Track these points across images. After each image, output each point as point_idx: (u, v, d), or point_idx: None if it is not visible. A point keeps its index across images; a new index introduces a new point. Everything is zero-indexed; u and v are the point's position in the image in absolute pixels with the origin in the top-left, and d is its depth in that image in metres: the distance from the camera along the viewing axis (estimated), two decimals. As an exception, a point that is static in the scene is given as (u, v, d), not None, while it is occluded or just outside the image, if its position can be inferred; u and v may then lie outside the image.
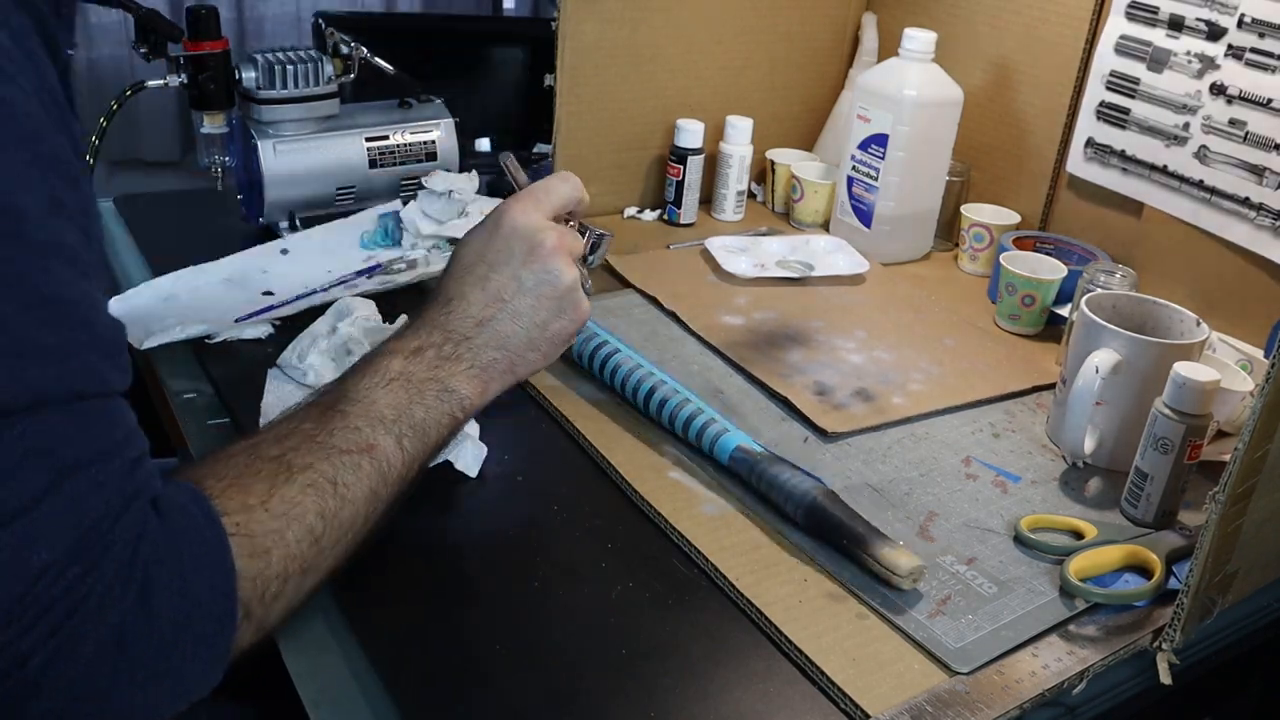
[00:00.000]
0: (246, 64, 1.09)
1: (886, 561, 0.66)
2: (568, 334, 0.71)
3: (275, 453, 0.57)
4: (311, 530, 0.56)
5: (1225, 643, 0.71)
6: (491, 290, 0.68)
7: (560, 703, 0.57)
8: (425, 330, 0.67)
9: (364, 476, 0.59)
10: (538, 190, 0.72)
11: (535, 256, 0.69)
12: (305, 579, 0.56)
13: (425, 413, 0.64)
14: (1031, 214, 1.19)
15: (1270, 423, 0.59)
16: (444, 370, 0.66)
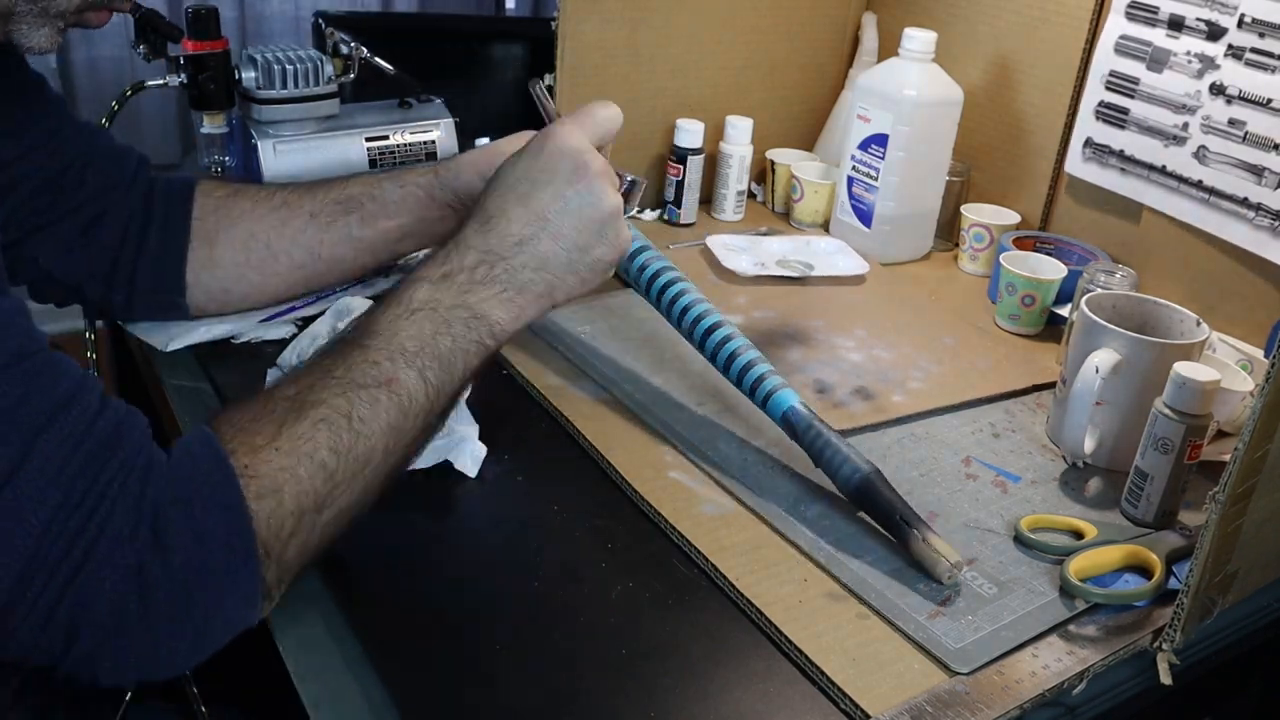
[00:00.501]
0: (246, 64, 1.09)
1: (937, 548, 0.67)
2: (607, 262, 0.69)
3: (291, 392, 0.58)
4: (324, 466, 0.56)
5: (1225, 643, 0.71)
6: (534, 207, 0.66)
7: (560, 703, 0.57)
8: (459, 252, 0.65)
9: (382, 410, 0.59)
10: (581, 115, 0.70)
11: (580, 176, 0.67)
12: (320, 514, 0.56)
13: (452, 343, 0.62)
14: (1031, 214, 1.19)
15: (1270, 423, 0.59)
16: (474, 295, 0.64)
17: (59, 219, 0.80)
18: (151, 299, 0.86)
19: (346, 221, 0.89)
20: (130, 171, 0.85)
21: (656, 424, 0.82)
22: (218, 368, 0.86)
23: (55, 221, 0.80)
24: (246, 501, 0.53)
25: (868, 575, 0.68)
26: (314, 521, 0.56)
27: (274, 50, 1.11)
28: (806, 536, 0.71)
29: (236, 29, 2.74)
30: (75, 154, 0.81)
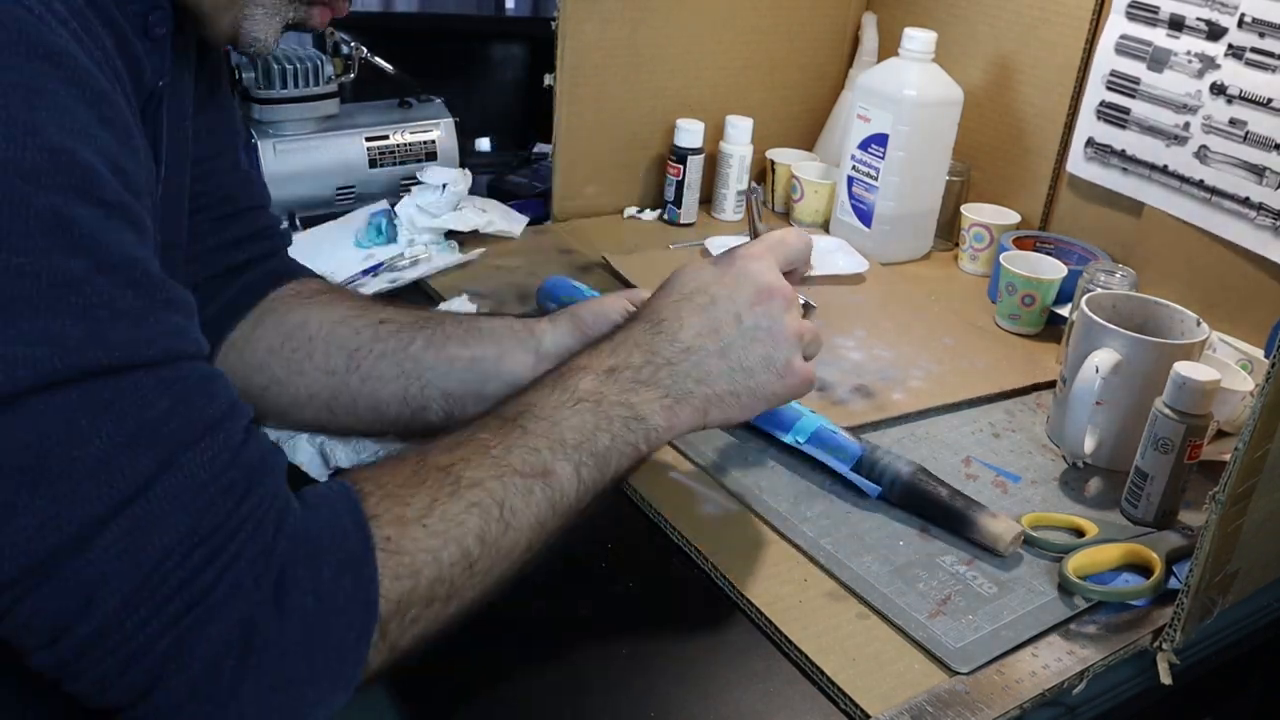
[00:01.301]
0: (246, 64, 1.09)
1: (994, 527, 0.70)
2: (771, 392, 0.63)
3: (445, 462, 0.53)
4: (468, 554, 0.52)
5: (1225, 643, 0.71)
6: (708, 320, 0.62)
7: (560, 703, 0.57)
8: (625, 348, 0.61)
9: (534, 503, 0.54)
10: (773, 240, 0.67)
11: (762, 301, 0.63)
12: (447, 606, 0.51)
13: (610, 441, 0.58)
14: (1031, 214, 1.19)
15: (1270, 423, 0.59)
16: (637, 395, 0.60)
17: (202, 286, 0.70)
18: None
19: (411, 335, 0.73)
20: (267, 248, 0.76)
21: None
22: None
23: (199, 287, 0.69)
24: (381, 579, 0.48)
25: (868, 575, 0.68)
26: (439, 613, 0.51)
27: (274, 50, 1.11)
28: (806, 536, 0.71)
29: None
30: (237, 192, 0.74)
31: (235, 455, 0.46)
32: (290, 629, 0.45)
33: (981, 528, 0.71)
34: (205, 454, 0.45)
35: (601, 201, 1.24)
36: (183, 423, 0.44)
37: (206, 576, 0.43)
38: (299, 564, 0.46)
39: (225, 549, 0.44)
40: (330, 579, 0.46)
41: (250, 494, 0.46)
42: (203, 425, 0.45)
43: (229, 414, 0.47)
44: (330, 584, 0.46)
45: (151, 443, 0.43)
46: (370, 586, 0.48)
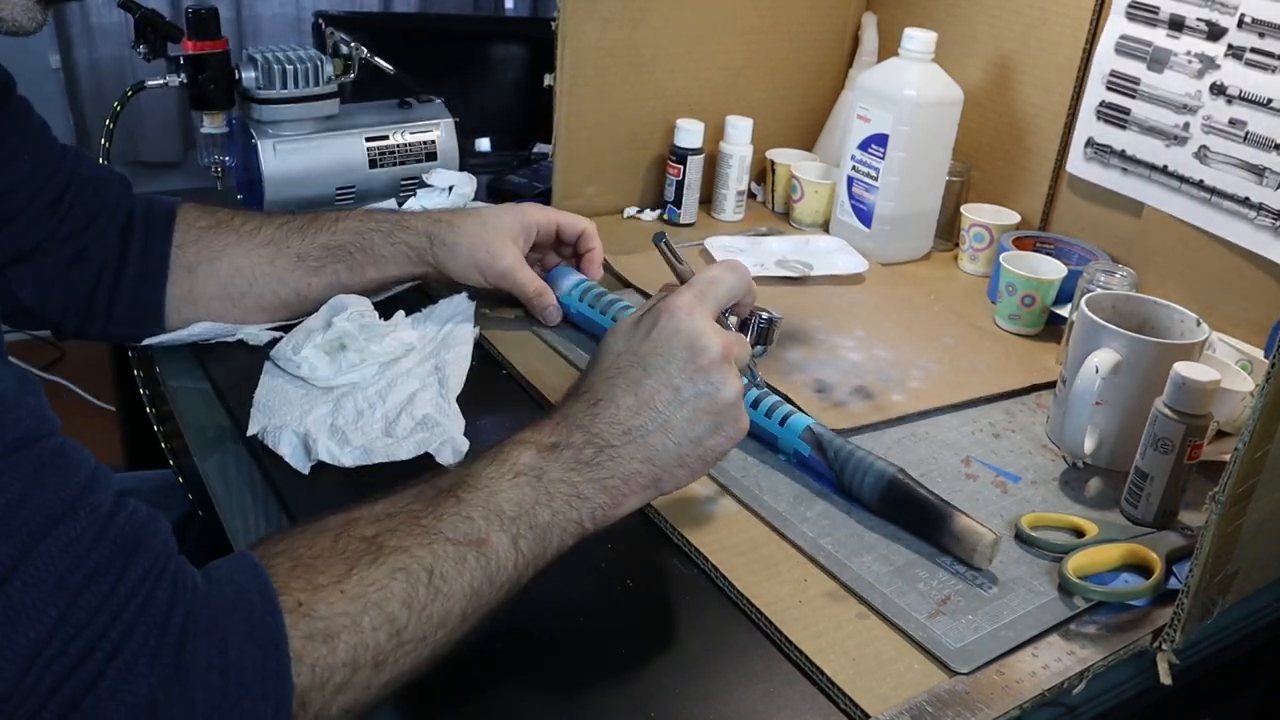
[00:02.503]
0: (246, 64, 1.09)
1: (972, 533, 0.68)
2: (721, 451, 0.63)
3: (370, 532, 0.52)
4: (393, 620, 0.50)
5: (1225, 643, 0.71)
6: (644, 396, 0.60)
7: (560, 703, 0.57)
8: (566, 428, 0.60)
9: (467, 571, 0.53)
10: (701, 284, 0.65)
11: (697, 365, 0.61)
12: (378, 674, 0.49)
13: (551, 516, 0.57)
14: (1031, 214, 1.19)
15: (1270, 423, 0.59)
16: (579, 474, 0.58)
17: (43, 252, 0.79)
18: (127, 330, 0.85)
19: (335, 268, 0.89)
20: (112, 200, 0.83)
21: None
22: (216, 366, 0.86)
23: (39, 254, 0.78)
24: (291, 643, 0.46)
25: (868, 575, 0.68)
26: (368, 680, 0.49)
27: (274, 50, 1.11)
28: (806, 536, 0.71)
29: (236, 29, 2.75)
30: (64, 183, 0.79)
31: (102, 532, 0.43)
32: (198, 707, 0.43)
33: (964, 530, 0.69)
34: (66, 537, 0.42)
35: (601, 201, 1.24)
36: (38, 507, 0.42)
37: (90, 666, 0.41)
38: (201, 639, 0.44)
39: (107, 634, 0.42)
40: (236, 650, 0.45)
41: (128, 570, 0.43)
42: (60, 506, 0.42)
43: (89, 487, 0.44)
44: (236, 657, 0.44)
45: (5, 534, 0.40)
46: (279, 656, 0.46)
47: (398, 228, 0.90)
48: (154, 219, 0.85)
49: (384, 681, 0.50)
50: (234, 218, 0.88)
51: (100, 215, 0.82)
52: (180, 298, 0.85)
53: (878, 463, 0.74)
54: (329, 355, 0.84)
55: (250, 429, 0.76)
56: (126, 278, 0.83)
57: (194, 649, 0.43)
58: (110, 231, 0.82)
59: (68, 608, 0.41)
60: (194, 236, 0.86)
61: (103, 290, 0.82)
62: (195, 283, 0.85)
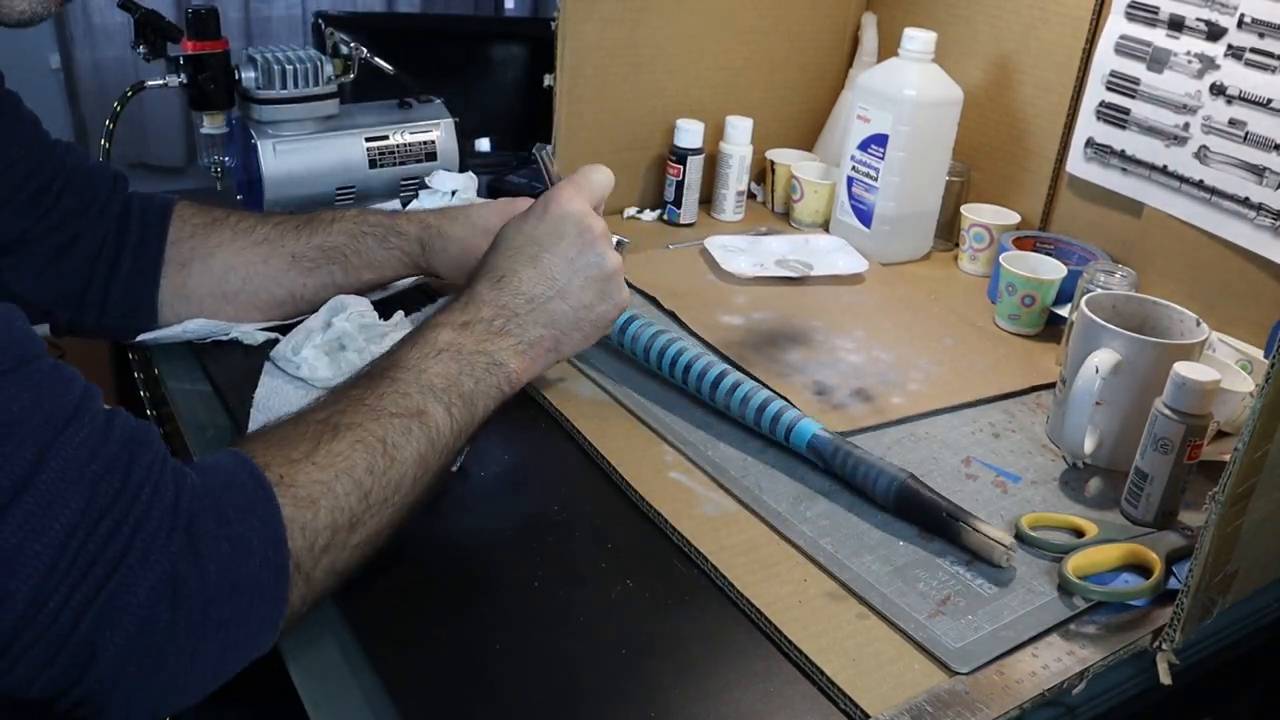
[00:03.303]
0: (246, 64, 1.09)
1: (989, 534, 0.69)
2: (609, 318, 0.73)
3: (322, 416, 0.59)
4: (360, 484, 0.56)
5: (1225, 643, 0.71)
6: (543, 269, 0.70)
7: (560, 703, 0.57)
8: (474, 305, 0.68)
9: (413, 439, 0.60)
10: (579, 180, 0.74)
11: (584, 240, 0.71)
12: (353, 534, 0.56)
13: (474, 384, 0.65)
14: (1031, 214, 1.19)
15: (1270, 423, 0.59)
16: (492, 344, 0.67)
17: (33, 241, 0.79)
18: (121, 323, 0.85)
19: (329, 270, 0.90)
20: (105, 192, 0.83)
21: (656, 424, 0.82)
22: (216, 367, 0.86)
23: (29, 243, 0.79)
24: (283, 509, 0.52)
25: (868, 575, 0.68)
26: (345, 540, 0.56)
27: (274, 50, 1.11)
28: (806, 536, 0.71)
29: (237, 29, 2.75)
30: (51, 173, 0.80)
31: (106, 432, 0.48)
32: (211, 574, 0.48)
33: (977, 541, 0.69)
34: (77, 436, 0.47)
35: (601, 202, 1.24)
36: (48, 413, 0.46)
37: (119, 541, 0.46)
38: (205, 514, 0.49)
39: (130, 513, 0.47)
40: (237, 521, 0.50)
41: (135, 462, 0.48)
42: (66, 412, 0.47)
43: (85, 398, 0.49)
44: (239, 526, 0.50)
45: (24, 437, 0.45)
46: (275, 522, 0.52)
47: (391, 232, 0.91)
48: (150, 214, 0.85)
49: (357, 541, 0.57)
50: (230, 216, 0.89)
51: (91, 206, 0.82)
52: (174, 292, 0.85)
53: (888, 470, 0.74)
54: (328, 355, 0.84)
55: (249, 429, 0.76)
56: (120, 271, 0.83)
57: (201, 524, 0.49)
58: (103, 224, 0.83)
59: (90, 495, 0.46)
60: (189, 232, 0.86)
61: (96, 282, 0.83)
62: (189, 278, 0.86)
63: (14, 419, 0.45)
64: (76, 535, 0.45)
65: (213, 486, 0.51)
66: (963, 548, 0.70)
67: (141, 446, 0.49)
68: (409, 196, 1.17)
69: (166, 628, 0.47)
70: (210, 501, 0.50)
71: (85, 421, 0.48)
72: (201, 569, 0.48)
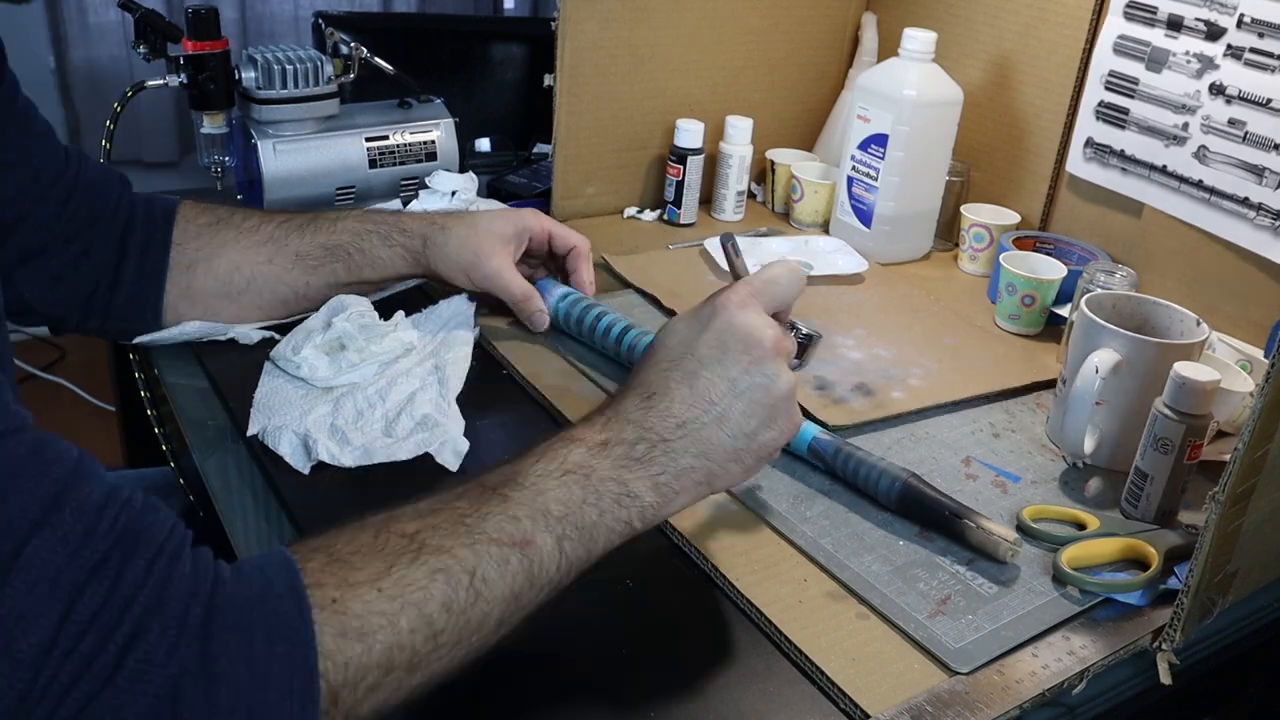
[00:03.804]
0: (246, 64, 1.09)
1: (994, 531, 0.69)
2: (775, 446, 0.62)
3: (411, 529, 0.51)
4: (431, 622, 0.49)
5: (1225, 643, 0.71)
6: (700, 389, 0.59)
7: (560, 703, 0.57)
8: (618, 423, 0.59)
9: (509, 574, 0.52)
10: (758, 282, 0.63)
11: (753, 357, 0.60)
12: (410, 675, 0.49)
13: (598, 516, 0.56)
14: (1031, 214, 1.19)
15: (1270, 423, 0.59)
16: (630, 472, 0.57)
17: (49, 253, 0.79)
18: (125, 325, 0.85)
19: (333, 268, 0.89)
20: (114, 199, 0.84)
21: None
22: (215, 364, 0.86)
23: (44, 255, 0.79)
24: (321, 638, 0.45)
25: (868, 575, 0.68)
26: (400, 681, 0.48)
27: (274, 50, 1.11)
28: (806, 536, 0.71)
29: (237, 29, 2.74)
30: (68, 185, 0.80)
31: (93, 526, 0.42)
32: (223, 700, 0.42)
33: (980, 538, 0.70)
34: (56, 533, 0.41)
35: (601, 202, 1.24)
36: (18, 507, 0.41)
37: (104, 660, 0.40)
38: (227, 631, 0.43)
39: (119, 628, 0.41)
40: (262, 646, 0.44)
41: (130, 563, 0.42)
42: (43, 504, 0.41)
43: (72, 482, 0.43)
44: (263, 651, 0.44)
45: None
46: (308, 652, 0.45)
47: (395, 230, 0.90)
48: (154, 217, 0.85)
49: (416, 684, 0.49)
50: (234, 215, 0.89)
51: (102, 215, 0.82)
52: (179, 294, 0.85)
53: (890, 470, 0.74)
54: (329, 355, 0.84)
55: (250, 429, 0.76)
56: (125, 275, 0.83)
57: (220, 640, 0.43)
58: (111, 231, 0.83)
59: (69, 608, 0.40)
60: (193, 234, 0.86)
61: (102, 288, 0.83)
62: (194, 280, 0.86)
63: None
64: (54, 654, 0.39)
65: (242, 596, 0.45)
66: (967, 545, 0.70)
67: (140, 540, 0.43)
68: (409, 196, 1.17)
69: None
70: (235, 616, 0.44)
71: (67, 514, 0.42)
72: (211, 692, 0.42)
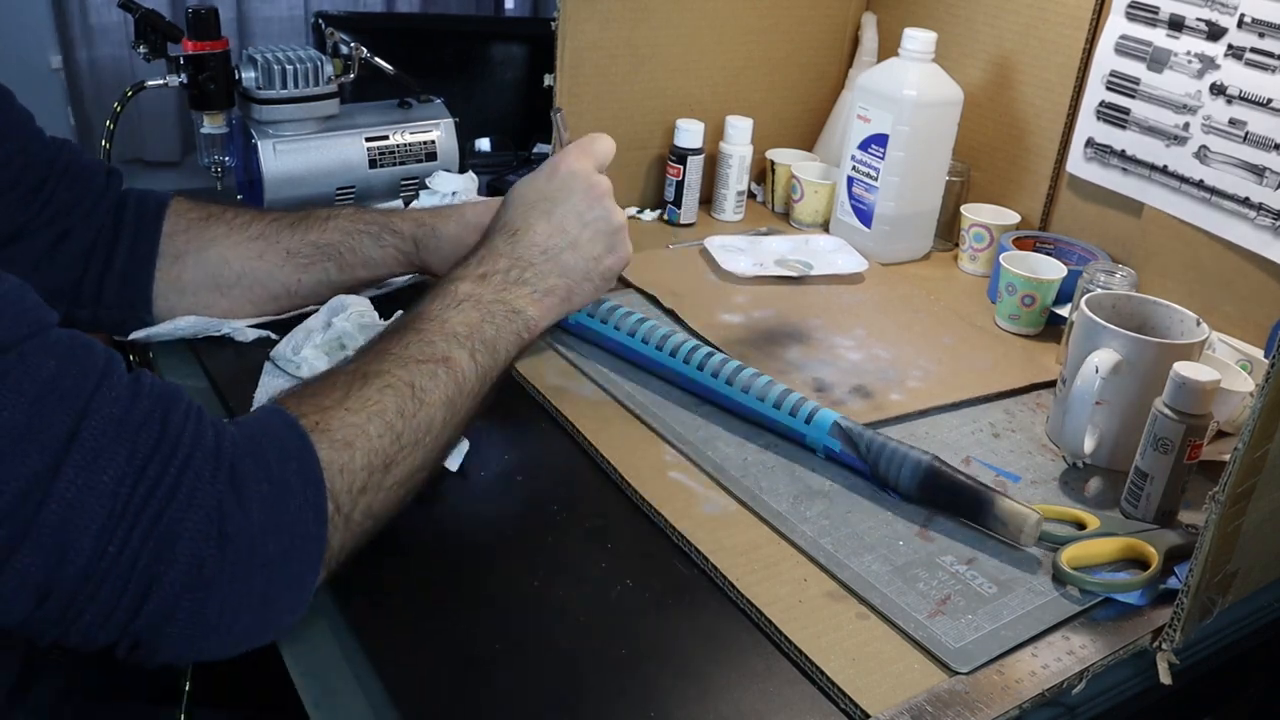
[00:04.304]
0: (246, 64, 1.09)
1: (1016, 514, 0.69)
2: (616, 270, 0.79)
3: (350, 368, 0.62)
4: (391, 426, 0.59)
5: (1225, 643, 0.71)
6: (555, 222, 0.76)
7: (560, 703, 0.57)
8: (491, 257, 0.73)
9: (440, 384, 0.63)
10: (585, 144, 0.80)
11: (593, 196, 0.77)
12: (388, 474, 0.59)
13: (495, 331, 0.69)
14: (1031, 214, 1.19)
15: (1270, 423, 0.59)
16: (510, 293, 0.71)
17: (28, 235, 0.79)
18: (116, 314, 0.85)
19: (324, 267, 0.90)
20: (99, 187, 0.84)
21: (656, 424, 0.82)
22: (214, 363, 0.86)
23: (25, 236, 0.79)
24: (319, 452, 0.55)
25: (868, 575, 0.68)
26: (380, 481, 0.58)
27: (274, 50, 1.11)
28: (806, 536, 0.71)
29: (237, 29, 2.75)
30: (46, 168, 0.80)
31: (135, 389, 0.51)
32: (254, 513, 0.51)
33: (1009, 512, 0.70)
34: (109, 394, 0.49)
35: (601, 201, 1.24)
36: (79, 375, 0.49)
37: (165, 483, 0.48)
38: (246, 459, 0.52)
39: (174, 457, 0.49)
40: (277, 464, 0.53)
41: (170, 413, 0.51)
42: (95, 374, 0.49)
43: (110, 361, 0.51)
44: (278, 468, 0.53)
45: (59, 399, 0.47)
46: (313, 463, 0.54)
47: (385, 230, 0.91)
48: (145, 208, 0.86)
49: (392, 482, 0.60)
50: (226, 211, 0.89)
51: (84, 200, 0.82)
52: (168, 284, 0.86)
53: (912, 452, 0.74)
54: (328, 355, 0.84)
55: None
56: (115, 263, 0.84)
57: (242, 468, 0.51)
58: (97, 218, 0.83)
59: (133, 445, 0.48)
60: (184, 226, 0.86)
61: (91, 275, 0.83)
62: (183, 270, 0.86)
63: (47, 383, 0.47)
64: (125, 483, 0.47)
65: (252, 435, 0.53)
66: (993, 522, 0.70)
67: (173, 401, 0.52)
68: (409, 197, 1.17)
69: (215, 562, 0.49)
70: (250, 448, 0.52)
71: (115, 381, 0.50)
72: (245, 509, 0.50)
